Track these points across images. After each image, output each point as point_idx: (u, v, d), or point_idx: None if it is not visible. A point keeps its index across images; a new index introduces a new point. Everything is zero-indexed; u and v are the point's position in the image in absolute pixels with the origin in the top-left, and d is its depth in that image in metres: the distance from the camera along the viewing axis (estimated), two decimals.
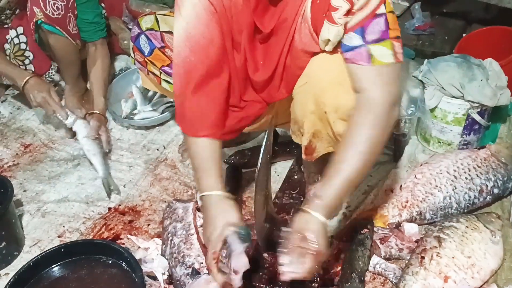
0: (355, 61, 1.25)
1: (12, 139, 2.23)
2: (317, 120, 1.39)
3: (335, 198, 1.26)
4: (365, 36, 1.23)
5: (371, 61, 1.23)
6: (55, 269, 1.38)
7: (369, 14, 1.21)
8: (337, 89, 1.32)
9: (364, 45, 1.23)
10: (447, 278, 1.43)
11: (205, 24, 1.34)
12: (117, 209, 1.86)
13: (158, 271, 1.54)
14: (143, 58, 1.76)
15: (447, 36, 2.44)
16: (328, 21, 1.23)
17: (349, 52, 1.26)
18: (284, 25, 1.32)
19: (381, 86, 1.25)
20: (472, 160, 1.73)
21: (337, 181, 1.25)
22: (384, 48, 1.22)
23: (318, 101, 1.35)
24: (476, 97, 1.76)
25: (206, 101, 1.39)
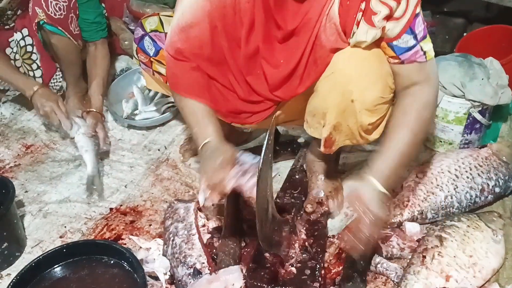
0: (415, 59, 1.33)
1: (14, 140, 2.23)
2: (340, 112, 1.40)
3: (390, 168, 1.34)
4: (416, 35, 1.30)
5: (426, 57, 1.33)
6: (57, 270, 1.38)
7: (412, 15, 1.28)
8: (365, 79, 1.35)
9: (418, 44, 1.31)
10: (449, 277, 1.43)
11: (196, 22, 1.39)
12: (119, 209, 1.86)
13: (160, 271, 1.54)
14: (148, 58, 1.76)
15: (448, 35, 2.44)
16: (367, 23, 1.28)
17: (407, 53, 1.32)
18: (308, 25, 1.34)
19: (431, 77, 1.36)
20: (474, 159, 1.73)
21: (391, 154, 1.34)
22: (428, 43, 1.33)
23: (345, 89, 1.36)
24: (477, 96, 1.76)
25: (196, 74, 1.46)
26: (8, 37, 2.09)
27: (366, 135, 1.45)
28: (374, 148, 1.96)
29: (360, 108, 1.37)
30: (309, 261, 1.48)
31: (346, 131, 1.44)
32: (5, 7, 2.01)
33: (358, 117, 1.39)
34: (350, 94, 1.36)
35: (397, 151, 1.34)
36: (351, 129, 1.43)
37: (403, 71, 1.35)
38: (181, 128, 2.20)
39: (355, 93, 1.35)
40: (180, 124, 2.22)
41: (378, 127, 1.45)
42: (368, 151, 1.96)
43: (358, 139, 1.47)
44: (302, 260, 1.48)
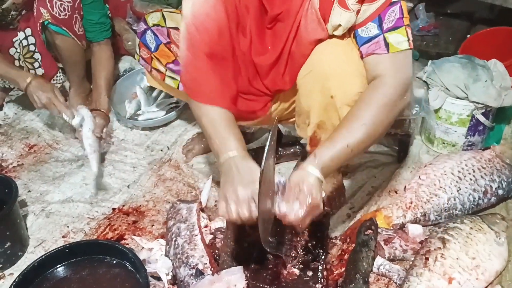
0: (374, 51, 1.29)
1: (17, 139, 2.24)
2: (322, 110, 1.40)
3: (331, 159, 1.27)
4: (382, 24, 1.27)
5: (388, 49, 1.28)
6: (60, 269, 1.39)
7: (386, 1, 1.25)
8: (343, 74, 1.34)
9: (381, 34, 1.27)
10: (452, 279, 1.43)
11: (211, 5, 1.35)
12: (121, 209, 1.87)
13: (162, 272, 1.54)
14: (149, 54, 1.77)
15: (451, 37, 2.44)
16: (341, 6, 1.26)
17: (366, 44, 1.30)
18: (291, 10, 1.34)
19: (395, 71, 1.29)
20: (477, 161, 1.72)
21: (337, 144, 1.27)
22: (399, 35, 1.27)
23: (324, 87, 1.36)
24: (481, 98, 1.76)
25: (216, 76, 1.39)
26: (12, 37, 2.10)
27: None
28: (376, 149, 1.97)
29: (340, 103, 1.37)
30: (311, 262, 1.48)
31: (331, 128, 1.45)
32: (9, 7, 2.02)
33: (340, 113, 1.39)
34: (329, 90, 1.36)
35: (344, 145, 1.27)
36: (335, 126, 1.43)
37: (367, 61, 1.32)
38: (184, 129, 2.20)
39: (333, 89, 1.36)
40: (183, 125, 2.23)
41: None
42: (371, 152, 1.96)
43: None
44: (304, 261, 1.48)
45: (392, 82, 1.28)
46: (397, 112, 1.32)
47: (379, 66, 1.30)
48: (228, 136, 1.32)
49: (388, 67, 1.29)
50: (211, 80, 1.38)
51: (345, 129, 1.29)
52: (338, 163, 1.32)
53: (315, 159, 1.26)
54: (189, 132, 2.18)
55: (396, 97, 1.29)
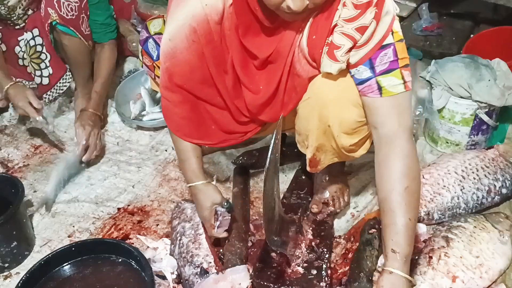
0: (366, 94, 1.28)
1: (23, 140, 2.25)
2: (320, 134, 1.41)
3: (407, 245, 1.24)
4: (374, 68, 1.25)
5: (381, 92, 1.25)
6: (66, 268, 1.40)
7: (375, 46, 1.23)
8: (340, 103, 1.33)
9: (373, 77, 1.25)
10: (455, 277, 1.43)
11: (185, 47, 1.37)
12: (126, 209, 1.88)
13: (167, 271, 1.55)
14: (151, 62, 1.78)
15: (454, 37, 2.44)
16: (330, 58, 1.25)
17: (361, 85, 1.28)
18: (281, 54, 1.34)
19: (396, 118, 1.26)
20: (480, 160, 1.73)
21: (401, 227, 1.23)
22: (393, 78, 1.24)
23: (321, 115, 1.37)
24: (484, 97, 1.76)
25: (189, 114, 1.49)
26: (18, 36, 2.10)
27: (351, 154, 1.45)
28: None
29: (337, 132, 1.37)
30: (315, 261, 1.49)
31: (331, 150, 1.46)
32: (15, 5, 2.03)
33: (337, 140, 1.40)
34: (327, 119, 1.36)
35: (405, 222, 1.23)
36: (335, 149, 1.44)
37: (364, 103, 1.30)
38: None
39: (331, 118, 1.36)
40: None
41: (363, 144, 1.44)
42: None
43: (344, 158, 1.49)
44: (309, 260, 1.49)
45: (397, 132, 1.26)
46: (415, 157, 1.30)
47: (378, 110, 1.28)
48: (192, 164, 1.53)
49: (387, 114, 1.27)
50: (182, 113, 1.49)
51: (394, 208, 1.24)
52: (413, 241, 1.27)
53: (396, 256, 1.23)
54: None
55: (407, 144, 1.27)
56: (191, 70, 1.41)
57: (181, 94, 1.44)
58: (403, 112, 1.27)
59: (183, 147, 1.53)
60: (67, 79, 2.20)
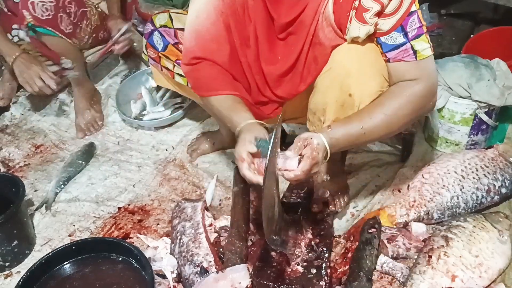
0: (402, 59, 1.32)
1: (24, 139, 2.26)
2: (339, 107, 1.42)
3: (343, 134, 1.32)
4: (407, 33, 1.30)
5: (416, 56, 1.31)
6: (66, 267, 1.40)
7: (405, 13, 1.28)
8: (363, 72, 1.36)
9: (408, 42, 1.30)
10: (455, 277, 1.43)
11: (211, 22, 1.40)
12: (127, 208, 1.88)
13: (167, 270, 1.55)
14: (156, 54, 1.78)
15: (454, 36, 2.44)
16: (359, 20, 1.29)
17: (393, 51, 1.33)
18: (304, 23, 1.36)
19: (428, 76, 1.34)
20: (480, 160, 1.73)
21: (353, 124, 1.33)
22: (423, 42, 1.31)
23: (343, 83, 1.38)
24: (484, 97, 1.76)
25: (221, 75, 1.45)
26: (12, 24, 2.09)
27: None
28: (380, 148, 1.98)
29: (358, 102, 1.38)
30: (315, 260, 1.49)
31: None
32: None
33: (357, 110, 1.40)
34: (348, 88, 1.37)
35: (359, 126, 1.32)
36: None
37: (393, 68, 1.35)
38: (189, 129, 2.22)
39: (353, 87, 1.37)
40: (188, 125, 2.24)
41: None
42: (375, 151, 1.97)
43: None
44: (308, 259, 1.49)
45: (425, 83, 1.34)
46: (421, 112, 1.39)
47: (410, 72, 1.34)
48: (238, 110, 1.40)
49: (420, 73, 1.33)
50: (215, 75, 1.45)
51: (365, 113, 1.34)
52: (348, 142, 1.35)
53: (328, 129, 1.31)
54: (194, 132, 2.19)
55: (424, 97, 1.35)
56: (219, 46, 1.42)
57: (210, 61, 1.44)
58: (432, 73, 1.36)
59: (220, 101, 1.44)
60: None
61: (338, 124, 1.35)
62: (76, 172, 2.04)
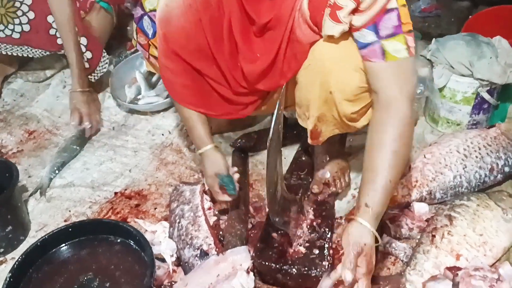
0: (369, 58, 1.25)
1: (16, 125, 2.22)
2: (322, 103, 1.38)
3: (381, 204, 1.24)
4: (378, 32, 1.22)
5: (384, 57, 1.23)
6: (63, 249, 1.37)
7: (380, 10, 1.20)
8: (342, 69, 1.31)
9: (378, 41, 1.22)
10: (459, 256, 1.41)
11: (181, 13, 1.37)
12: (123, 193, 1.85)
13: (166, 253, 1.52)
14: (146, 41, 1.74)
15: (453, 17, 2.42)
16: (332, 19, 1.23)
17: (364, 49, 1.25)
18: (281, 20, 1.32)
19: (398, 84, 1.25)
20: (482, 139, 1.71)
21: (379, 185, 1.23)
22: (398, 43, 1.22)
23: (322, 81, 1.34)
24: (486, 74, 1.74)
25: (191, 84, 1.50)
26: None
27: (353, 123, 1.42)
28: None
29: (339, 99, 1.35)
30: (317, 241, 1.46)
31: (332, 121, 1.43)
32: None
33: (339, 108, 1.37)
34: (328, 85, 1.33)
35: (386, 182, 1.23)
36: (336, 119, 1.41)
37: (366, 67, 1.28)
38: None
39: (332, 84, 1.33)
40: None
41: (365, 114, 1.41)
42: None
43: (345, 128, 1.45)
44: (311, 240, 1.47)
45: (397, 97, 1.24)
46: (412, 125, 1.30)
47: (380, 75, 1.26)
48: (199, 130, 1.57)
49: (390, 79, 1.25)
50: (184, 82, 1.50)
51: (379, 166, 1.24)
52: (387, 202, 1.27)
53: (369, 210, 1.22)
54: None
55: (406, 111, 1.25)
56: (186, 38, 1.39)
57: (181, 63, 1.43)
58: (406, 78, 1.25)
59: (187, 115, 1.56)
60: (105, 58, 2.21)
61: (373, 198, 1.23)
62: (70, 158, 2.00)
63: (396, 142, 1.24)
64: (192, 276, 1.41)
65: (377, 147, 1.25)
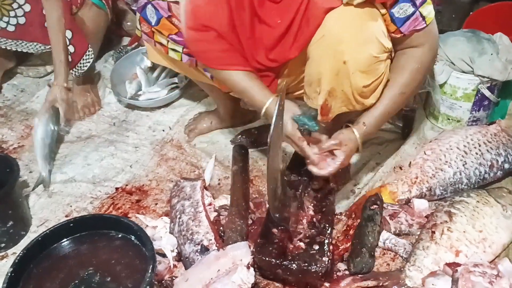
0: (414, 28, 1.35)
1: (17, 121, 2.22)
2: (333, 76, 1.39)
3: (374, 127, 1.50)
4: (415, 2, 1.31)
5: (425, 22, 1.35)
6: (64, 244, 1.37)
7: None
8: (357, 38, 1.33)
9: (417, 10, 1.32)
10: (459, 252, 1.42)
11: None
12: (124, 189, 1.85)
13: (167, 249, 1.53)
14: (150, 29, 1.74)
15: (454, 13, 2.41)
16: None
17: (406, 22, 1.34)
18: None
19: (432, 39, 1.41)
20: (482, 136, 1.71)
21: (380, 112, 1.47)
22: (428, 6, 1.34)
23: (336, 51, 1.34)
24: (486, 71, 1.74)
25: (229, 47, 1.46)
26: None
27: (362, 99, 1.45)
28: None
29: (353, 69, 1.36)
30: (317, 237, 1.47)
31: (342, 96, 1.43)
32: None
33: (352, 79, 1.38)
34: (342, 55, 1.34)
35: (386, 112, 1.48)
36: (346, 93, 1.42)
37: (404, 40, 1.38)
38: (185, 109, 2.18)
39: (346, 53, 1.34)
40: (185, 105, 2.21)
41: (374, 91, 1.44)
42: None
43: (354, 104, 1.46)
44: (311, 236, 1.47)
45: (429, 46, 1.40)
46: (427, 74, 1.52)
47: (418, 39, 1.38)
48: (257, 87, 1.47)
49: (427, 37, 1.38)
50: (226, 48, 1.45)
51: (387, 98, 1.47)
52: (376, 130, 1.54)
53: (363, 127, 1.46)
54: (191, 112, 2.16)
55: (431, 60, 1.45)
56: (215, 9, 1.39)
57: (213, 32, 1.41)
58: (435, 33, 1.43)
59: (237, 78, 1.48)
60: (90, 55, 2.16)
61: (369, 117, 1.48)
62: (53, 141, 1.98)
63: (406, 84, 1.44)
64: (192, 271, 1.41)
65: (389, 85, 1.46)
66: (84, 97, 2.21)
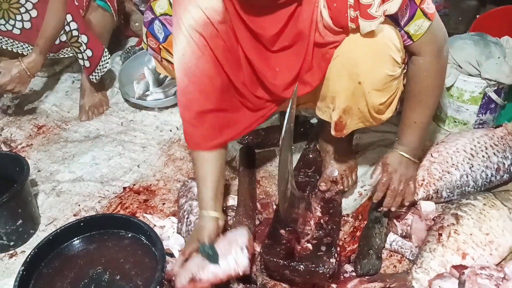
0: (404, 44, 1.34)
1: (25, 120, 2.24)
2: (349, 95, 1.39)
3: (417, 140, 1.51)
4: (399, 23, 1.29)
5: (412, 39, 1.32)
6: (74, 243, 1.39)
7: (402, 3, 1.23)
8: (370, 59, 1.32)
9: (401, 30, 1.30)
10: (465, 254, 1.42)
11: (198, 57, 1.38)
12: (132, 188, 1.87)
13: (175, 248, 1.54)
14: (157, 45, 1.74)
15: (461, 16, 2.42)
16: (366, 19, 1.24)
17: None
18: (302, 34, 1.32)
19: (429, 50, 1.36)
20: (489, 139, 1.71)
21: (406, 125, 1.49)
22: (417, 21, 1.28)
23: (351, 72, 1.34)
24: (493, 74, 1.74)
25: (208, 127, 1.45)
26: None
27: (379, 116, 1.44)
28: (387, 128, 1.96)
29: (368, 89, 1.35)
30: (324, 238, 1.47)
31: (357, 114, 1.43)
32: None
33: (368, 98, 1.37)
34: (357, 76, 1.34)
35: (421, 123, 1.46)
36: (362, 111, 1.42)
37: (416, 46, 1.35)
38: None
39: (361, 75, 1.33)
40: None
41: (390, 106, 1.43)
42: (382, 131, 1.95)
43: (371, 121, 1.46)
44: (318, 237, 1.48)
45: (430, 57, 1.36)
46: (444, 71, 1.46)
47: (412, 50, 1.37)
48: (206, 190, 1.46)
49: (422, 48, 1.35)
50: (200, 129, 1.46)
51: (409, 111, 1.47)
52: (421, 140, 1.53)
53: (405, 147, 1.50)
54: None
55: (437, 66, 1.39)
56: (210, 79, 1.40)
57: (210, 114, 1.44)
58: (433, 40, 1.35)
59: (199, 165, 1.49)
60: (107, 56, 2.19)
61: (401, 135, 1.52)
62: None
63: (421, 95, 1.43)
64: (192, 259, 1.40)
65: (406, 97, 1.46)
66: (92, 97, 2.23)
